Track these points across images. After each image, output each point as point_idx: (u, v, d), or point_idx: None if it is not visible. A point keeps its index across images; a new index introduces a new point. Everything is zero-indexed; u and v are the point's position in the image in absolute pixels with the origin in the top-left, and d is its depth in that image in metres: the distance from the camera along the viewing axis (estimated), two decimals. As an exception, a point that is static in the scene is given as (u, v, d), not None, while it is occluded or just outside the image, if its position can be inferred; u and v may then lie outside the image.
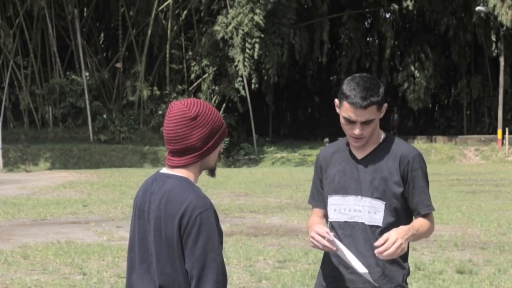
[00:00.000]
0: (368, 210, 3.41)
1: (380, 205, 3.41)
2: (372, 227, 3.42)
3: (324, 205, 3.61)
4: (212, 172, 3.03)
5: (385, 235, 3.22)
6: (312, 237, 3.37)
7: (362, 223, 3.41)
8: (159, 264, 2.89)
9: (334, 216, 3.52)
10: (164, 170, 2.98)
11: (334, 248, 3.32)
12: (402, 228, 3.28)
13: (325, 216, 3.64)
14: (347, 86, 3.35)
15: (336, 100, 3.46)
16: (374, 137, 3.48)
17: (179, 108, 2.89)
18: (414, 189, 3.43)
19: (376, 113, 3.36)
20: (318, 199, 3.64)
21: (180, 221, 2.80)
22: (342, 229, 3.46)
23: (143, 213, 2.97)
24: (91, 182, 22.84)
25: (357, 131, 3.37)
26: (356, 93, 3.32)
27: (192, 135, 2.86)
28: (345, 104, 3.35)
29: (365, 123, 3.36)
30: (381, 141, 3.50)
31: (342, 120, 3.42)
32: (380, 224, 3.41)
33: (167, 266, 2.87)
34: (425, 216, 3.46)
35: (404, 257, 3.48)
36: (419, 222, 3.42)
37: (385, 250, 3.18)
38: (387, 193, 3.41)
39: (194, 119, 2.86)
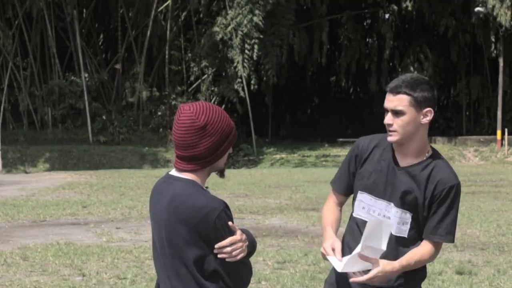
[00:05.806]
0: (398, 221, 3.40)
1: (408, 217, 3.40)
2: (398, 237, 3.41)
3: (345, 193, 3.61)
4: (221, 173, 3.01)
5: (374, 271, 3.23)
6: (324, 249, 3.40)
7: None
8: (171, 265, 2.89)
9: (360, 213, 3.50)
10: (173, 172, 2.97)
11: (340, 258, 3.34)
12: (390, 265, 3.27)
13: (341, 204, 3.64)
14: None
15: None
16: (418, 148, 3.43)
17: (187, 116, 2.85)
18: (435, 215, 3.38)
19: (408, 107, 3.32)
20: (341, 185, 3.61)
21: (197, 227, 2.79)
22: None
23: (152, 215, 2.99)
24: (90, 183, 22.81)
25: (386, 118, 3.37)
26: (393, 82, 3.38)
27: (200, 144, 2.84)
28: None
29: (395, 113, 3.34)
30: (427, 155, 3.44)
31: None
32: (406, 235, 3.42)
33: (181, 267, 2.86)
34: (432, 242, 3.41)
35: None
36: (410, 255, 3.37)
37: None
38: (415, 208, 3.40)
39: (202, 129, 2.82)
